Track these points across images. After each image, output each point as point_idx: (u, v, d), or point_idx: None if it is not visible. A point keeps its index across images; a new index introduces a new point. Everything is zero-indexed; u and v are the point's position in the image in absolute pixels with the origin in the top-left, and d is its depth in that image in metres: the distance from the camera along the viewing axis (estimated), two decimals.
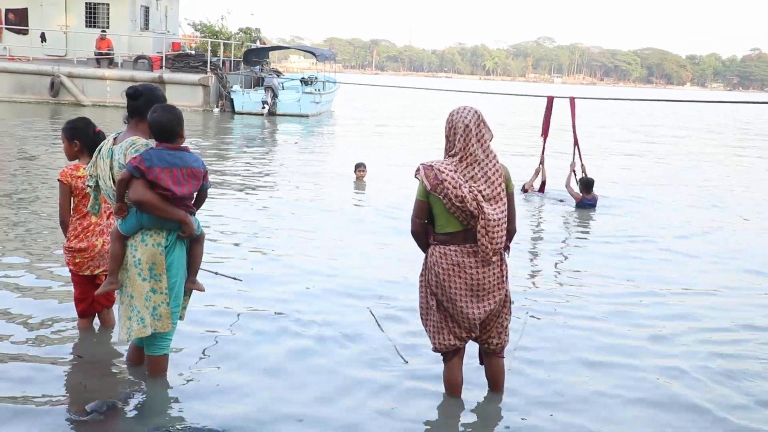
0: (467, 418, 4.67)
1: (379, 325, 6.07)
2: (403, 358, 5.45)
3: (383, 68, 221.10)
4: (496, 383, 4.90)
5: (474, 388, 4.92)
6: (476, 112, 4.49)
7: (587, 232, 10.59)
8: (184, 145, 4.53)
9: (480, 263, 4.45)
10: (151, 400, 4.59)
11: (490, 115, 4.79)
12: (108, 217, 5.31)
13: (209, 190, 4.78)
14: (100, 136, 5.18)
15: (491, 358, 4.84)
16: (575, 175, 12.42)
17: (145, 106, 4.55)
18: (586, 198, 11.99)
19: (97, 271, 5.30)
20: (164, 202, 4.38)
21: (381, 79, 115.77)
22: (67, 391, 4.74)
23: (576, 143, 12.55)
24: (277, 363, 5.28)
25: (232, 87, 31.15)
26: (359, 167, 13.79)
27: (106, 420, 4.29)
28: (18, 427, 4.22)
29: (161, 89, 4.86)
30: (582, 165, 12.41)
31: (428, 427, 4.53)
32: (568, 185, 12.33)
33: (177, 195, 4.38)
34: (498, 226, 4.38)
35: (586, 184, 12.06)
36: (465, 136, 4.40)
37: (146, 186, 4.32)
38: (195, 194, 4.61)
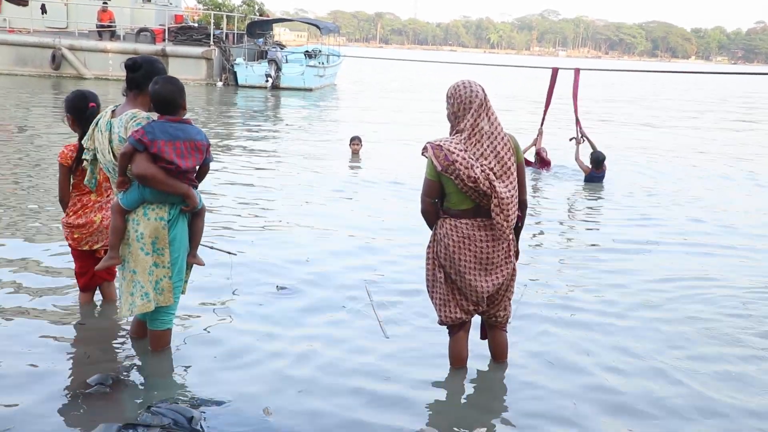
0: (475, 388, 4.65)
1: (371, 301, 6.02)
2: (384, 333, 5.40)
3: (387, 41, 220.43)
4: (500, 355, 4.89)
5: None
6: (482, 86, 4.41)
7: (595, 207, 10.55)
8: (185, 117, 4.45)
9: (490, 237, 4.40)
10: (153, 374, 4.55)
11: (495, 88, 4.68)
12: (108, 194, 5.24)
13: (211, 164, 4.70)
14: (92, 112, 5.02)
15: (496, 332, 4.82)
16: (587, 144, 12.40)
17: (144, 79, 4.47)
18: (594, 171, 12.02)
19: (95, 246, 5.24)
20: (168, 176, 4.31)
21: (385, 52, 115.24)
22: (71, 361, 4.70)
23: (576, 116, 12.47)
24: (277, 336, 5.24)
25: (235, 60, 30.95)
26: (354, 141, 13.68)
27: (109, 393, 4.25)
28: (20, 397, 4.19)
29: (161, 61, 4.77)
30: (586, 137, 12.38)
31: (434, 401, 4.49)
32: (577, 158, 12.33)
33: (181, 168, 4.31)
34: (511, 203, 4.31)
35: (597, 160, 12.04)
36: (477, 113, 4.31)
37: (149, 160, 4.24)
38: (197, 167, 4.54)
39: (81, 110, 5.06)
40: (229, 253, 6.79)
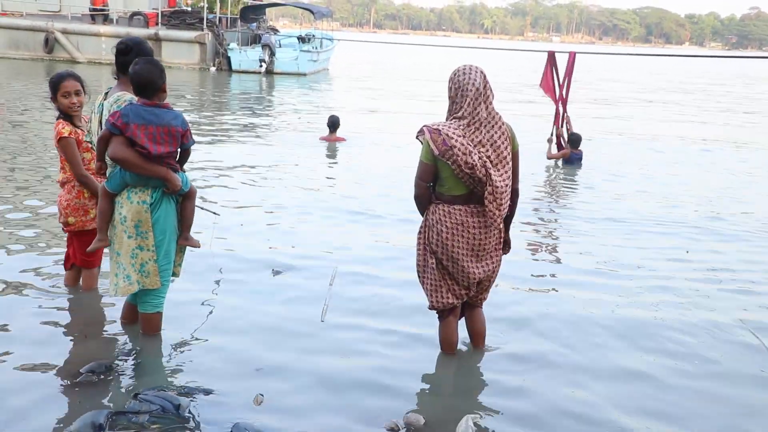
0: (464, 374, 4.68)
1: (330, 284, 6.02)
2: (322, 317, 5.40)
3: (381, 26, 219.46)
4: (479, 334, 4.89)
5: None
6: (483, 72, 4.39)
7: (573, 187, 10.66)
8: (165, 101, 4.44)
9: (483, 224, 4.42)
10: (145, 360, 4.55)
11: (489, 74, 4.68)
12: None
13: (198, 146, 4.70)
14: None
15: (475, 310, 4.84)
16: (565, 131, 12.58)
17: None
18: (574, 153, 12.32)
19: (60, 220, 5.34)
20: (143, 160, 4.30)
21: (379, 37, 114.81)
22: (64, 343, 4.71)
23: (564, 102, 12.44)
24: (267, 321, 5.26)
25: (228, 45, 30.86)
26: (332, 122, 13.30)
27: (99, 380, 4.25)
28: (7, 380, 4.20)
29: (149, 43, 4.80)
30: (567, 121, 12.61)
31: (423, 387, 4.52)
32: (551, 155, 12.47)
33: (152, 153, 4.28)
34: (504, 191, 4.33)
35: (574, 140, 12.34)
36: (475, 100, 4.30)
37: (126, 144, 4.24)
38: (176, 152, 4.47)
39: None
40: (214, 213, 6.72)
